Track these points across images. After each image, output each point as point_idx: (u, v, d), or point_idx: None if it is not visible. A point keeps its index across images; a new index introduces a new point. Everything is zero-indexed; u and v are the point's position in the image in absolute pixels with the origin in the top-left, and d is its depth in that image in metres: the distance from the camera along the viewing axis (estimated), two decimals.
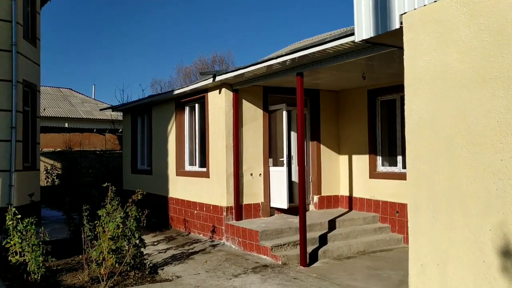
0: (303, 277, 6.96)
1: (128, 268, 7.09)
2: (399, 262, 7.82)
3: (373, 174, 10.07)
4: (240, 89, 9.46)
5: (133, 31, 64.01)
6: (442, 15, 3.51)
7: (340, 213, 10.11)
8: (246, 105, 9.63)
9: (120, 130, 27.41)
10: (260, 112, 9.81)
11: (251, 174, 9.64)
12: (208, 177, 9.95)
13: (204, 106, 10.24)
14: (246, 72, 8.33)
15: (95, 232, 7.24)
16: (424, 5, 3.66)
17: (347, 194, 10.72)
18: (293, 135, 10.41)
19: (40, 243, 6.23)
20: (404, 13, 3.85)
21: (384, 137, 10.09)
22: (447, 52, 3.48)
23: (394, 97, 9.78)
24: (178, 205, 11.26)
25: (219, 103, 9.57)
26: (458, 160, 3.39)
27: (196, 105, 10.81)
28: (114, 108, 14.96)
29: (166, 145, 11.78)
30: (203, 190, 10.17)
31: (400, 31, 3.94)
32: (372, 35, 4.15)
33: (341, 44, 5.92)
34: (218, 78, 9.02)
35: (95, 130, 28.46)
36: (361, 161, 10.37)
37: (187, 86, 10.43)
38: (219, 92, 9.53)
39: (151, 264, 7.61)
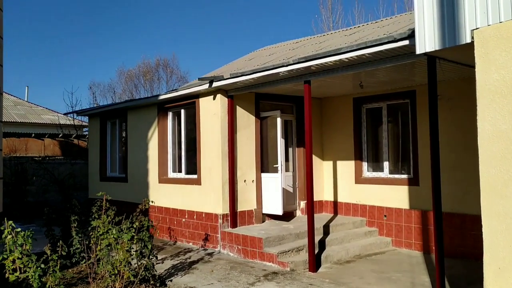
0: (318, 283, 7.03)
1: (137, 281, 6.79)
2: (398, 265, 8.13)
3: (359, 179, 10.36)
4: (235, 96, 9.39)
5: (71, 32, 61.13)
6: None
7: (328, 218, 10.31)
8: (240, 112, 9.57)
9: (61, 135, 26.16)
10: (252, 118, 9.79)
11: (245, 181, 9.59)
12: (200, 184, 9.75)
13: (194, 111, 10.03)
14: (249, 78, 8.29)
15: (89, 244, 6.97)
16: (500, 22, 3.88)
17: (332, 199, 10.95)
18: (282, 141, 10.48)
19: (57, 257, 5.79)
20: (476, 28, 4.06)
21: (369, 144, 10.42)
22: None
23: (380, 105, 10.14)
24: (161, 213, 10.92)
25: (213, 109, 9.43)
26: None
27: (182, 110, 10.55)
28: (79, 113, 14.21)
29: (146, 151, 11.39)
30: (193, 198, 9.94)
31: (468, 46, 4.14)
32: (437, 48, 4.32)
33: (375, 52, 6.10)
34: (214, 84, 8.90)
35: (33, 135, 26.86)
36: (346, 167, 10.64)
37: (176, 91, 10.16)
38: (214, 98, 9.39)
39: (156, 276, 7.33)
